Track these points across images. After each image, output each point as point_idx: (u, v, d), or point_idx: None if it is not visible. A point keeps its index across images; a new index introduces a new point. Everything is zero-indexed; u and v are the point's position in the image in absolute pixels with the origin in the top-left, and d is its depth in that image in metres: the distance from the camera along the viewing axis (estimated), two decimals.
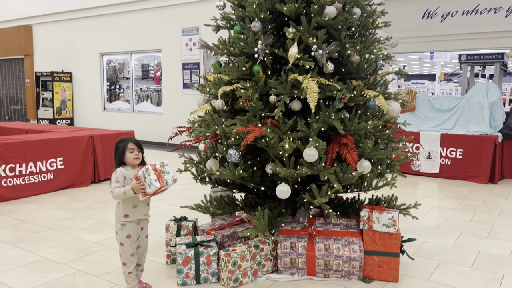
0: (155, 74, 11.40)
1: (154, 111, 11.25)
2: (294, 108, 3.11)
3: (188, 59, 10.16)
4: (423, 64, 30.70)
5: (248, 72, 3.23)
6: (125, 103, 11.96)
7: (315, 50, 2.96)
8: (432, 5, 13.85)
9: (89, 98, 12.32)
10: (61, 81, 12.25)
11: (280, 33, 3.35)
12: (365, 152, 2.95)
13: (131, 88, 11.78)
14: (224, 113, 3.39)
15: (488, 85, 6.74)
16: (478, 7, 13.04)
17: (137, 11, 10.89)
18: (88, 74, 12.26)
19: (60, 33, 12.66)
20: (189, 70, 10.21)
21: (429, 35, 13.96)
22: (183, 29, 10.12)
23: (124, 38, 11.30)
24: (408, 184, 6.42)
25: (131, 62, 11.67)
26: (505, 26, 12.52)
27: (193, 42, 10.01)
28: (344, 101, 2.87)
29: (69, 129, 7.21)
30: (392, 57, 3.31)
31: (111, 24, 11.50)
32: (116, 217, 2.70)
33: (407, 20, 13.72)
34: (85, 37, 12.11)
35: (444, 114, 7.05)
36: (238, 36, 3.25)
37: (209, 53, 3.57)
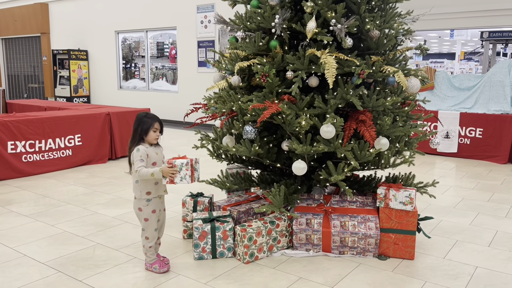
0: (170, 52, 11.37)
1: (170, 89, 11.27)
2: (312, 84, 3.07)
3: (203, 36, 10.09)
4: (442, 43, 29.95)
5: (265, 47, 3.19)
6: (141, 81, 12.00)
7: (334, 24, 2.89)
8: None
9: (105, 77, 12.39)
10: (77, 59, 12.32)
11: (297, 7, 3.28)
12: (383, 129, 2.91)
13: (146, 67, 11.79)
14: (240, 90, 3.36)
15: (510, 63, 6.55)
16: None
17: None
18: (103, 52, 12.29)
19: (76, 11, 12.67)
20: (204, 48, 10.14)
21: (449, 12, 13.59)
22: (198, 6, 10.02)
23: (139, 16, 11.25)
24: (426, 163, 6.35)
25: (146, 40, 11.64)
26: None
27: (208, 19, 9.91)
28: (362, 77, 2.82)
29: (86, 107, 7.28)
30: (412, 32, 3.22)
31: (126, 1, 11.44)
32: (136, 194, 2.72)
33: None
34: (101, 15, 12.09)
35: (464, 92, 6.90)
36: (255, 10, 3.20)
37: (225, 28, 3.53)
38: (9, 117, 5.41)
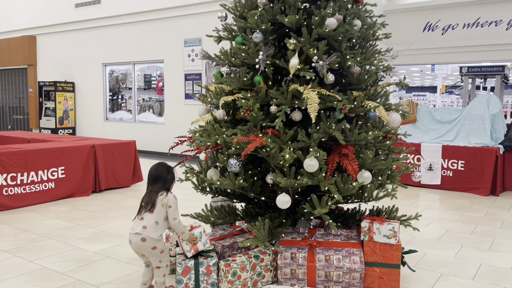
0: (157, 84, 11.46)
1: (156, 121, 11.29)
2: (295, 119, 3.12)
3: (190, 69, 10.23)
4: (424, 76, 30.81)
5: (249, 82, 3.25)
6: (127, 113, 12.01)
7: (316, 61, 2.98)
8: (433, 17, 13.95)
9: (92, 108, 12.38)
10: (64, 91, 12.33)
11: (281, 44, 3.37)
12: (365, 163, 2.95)
13: (133, 98, 11.84)
14: (225, 123, 3.40)
15: (489, 97, 6.76)
16: (479, 20, 13.13)
17: (140, 22, 10.99)
18: (91, 84, 12.33)
19: (64, 43, 12.77)
20: (191, 81, 10.26)
21: (430, 48, 14.05)
22: (186, 40, 10.20)
23: (127, 49, 11.39)
24: (410, 195, 6.40)
25: (134, 72, 11.74)
26: (506, 39, 12.59)
27: (195, 53, 10.08)
28: (344, 112, 2.89)
29: (71, 139, 7.24)
30: (392, 68, 3.33)
31: (114, 34, 11.60)
32: (153, 235, 2.76)
33: (408, 32, 13.81)
34: (88, 48, 12.21)
35: (445, 125, 7.06)
36: (239, 47, 3.28)
37: (211, 63, 3.59)
38: None
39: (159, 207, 2.78)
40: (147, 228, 2.73)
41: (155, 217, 2.77)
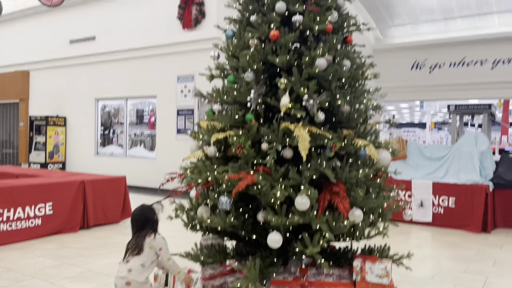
0: (149, 119, 11.51)
1: (147, 156, 11.25)
2: (286, 156, 3.13)
3: (183, 105, 10.31)
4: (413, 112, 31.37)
5: (240, 120, 3.28)
6: (118, 147, 11.97)
7: (306, 100, 3.03)
8: (420, 56, 14.36)
9: (83, 142, 12.33)
10: (55, 125, 12.30)
11: (272, 82, 3.43)
12: (356, 201, 2.95)
13: (124, 133, 11.84)
14: (216, 160, 3.40)
15: (477, 135, 6.87)
16: (464, 59, 13.54)
17: (134, 58, 11.15)
18: (82, 119, 12.33)
19: (57, 78, 12.86)
20: (183, 116, 10.32)
21: (418, 85, 14.39)
22: (179, 76, 10.33)
23: (120, 84, 11.48)
24: (401, 232, 6.37)
25: (126, 107, 11.80)
26: (492, 78, 12.96)
27: (188, 89, 10.19)
28: (334, 150, 2.91)
29: (60, 174, 7.16)
30: (381, 107, 3.39)
31: (108, 70, 11.72)
32: (139, 278, 2.74)
33: (397, 70, 14.17)
34: (82, 83, 12.29)
35: (435, 162, 7.12)
36: (231, 85, 3.33)
37: (203, 101, 3.63)
38: None
39: (147, 250, 2.75)
40: (132, 271, 2.67)
41: (142, 260, 2.73)
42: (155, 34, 10.63)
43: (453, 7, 12.65)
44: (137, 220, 2.87)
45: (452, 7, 12.68)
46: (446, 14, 13.08)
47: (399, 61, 14.40)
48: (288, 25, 3.25)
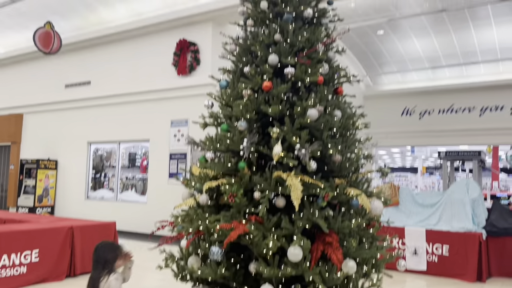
0: (141, 163, 11.48)
1: (138, 200, 11.12)
2: (279, 205, 3.12)
3: (176, 149, 10.32)
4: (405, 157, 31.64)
5: (233, 168, 3.29)
6: (109, 191, 11.84)
7: (298, 149, 3.06)
8: (410, 103, 14.70)
9: (73, 186, 12.18)
10: (46, 169, 12.20)
11: (265, 131, 3.47)
12: (349, 252, 2.92)
13: (116, 177, 11.76)
14: (208, 208, 3.37)
15: (468, 182, 6.91)
16: (453, 106, 13.87)
17: (128, 102, 11.26)
18: (74, 162, 12.26)
19: (50, 121, 12.89)
20: (176, 160, 10.31)
21: (408, 131, 14.64)
22: (172, 120, 10.42)
23: (113, 128, 11.52)
24: (396, 282, 6.23)
25: (118, 151, 11.78)
26: (480, 125, 13.24)
27: (181, 133, 10.25)
28: (327, 200, 2.91)
29: (49, 219, 7.03)
30: (373, 156, 3.43)
31: (101, 114, 11.79)
32: None
33: (387, 116, 14.45)
34: (75, 126, 12.32)
35: (428, 209, 7.11)
36: (224, 133, 3.37)
37: (196, 148, 3.65)
38: None
39: None
40: None
41: None
42: (150, 79, 10.82)
43: (439, 56, 13.11)
44: (93, 259, 2.77)
45: (439, 57, 13.13)
46: (433, 63, 13.53)
47: (390, 107, 14.71)
48: (280, 77, 3.34)
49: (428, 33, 12.04)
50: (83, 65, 12.29)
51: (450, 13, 10.70)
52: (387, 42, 12.85)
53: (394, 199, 7.29)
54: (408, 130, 14.57)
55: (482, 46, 12.19)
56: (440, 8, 10.25)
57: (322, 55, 3.42)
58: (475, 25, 11.39)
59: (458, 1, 10.09)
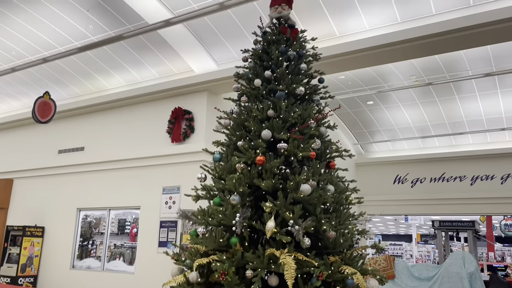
0: (131, 230, 11.20)
1: (126, 270, 10.70)
2: (271, 283, 3.02)
3: (167, 217, 10.13)
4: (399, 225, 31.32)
5: (225, 243, 3.22)
6: (96, 260, 11.43)
7: (292, 225, 3.02)
8: (402, 171, 14.83)
9: (59, 255, 11.76)
10: (32, 236, 11.84)
11: (258, 205, 3.45)
12: None
13: (104, 244, 11.41)
14: (198, 286, 3.25)
15: (464, 255, 6.81)
16: (444, 174, 14.00)
17: (120, 169, 11.23)
18: (61, 229, 11.94)
19: (40, 187, 12.73)
20: (166, 228, 10.09)
21: (401, 199, 14.63)
22: (164, 187, 10.33)
23: (104, 194, 11.38)
24: None
25: (108, 218, 11.55)
26: (471, 194, 13.29)
27: (173, 200, 10.13)
28: (321, 279, 2.83)
29: None
30: (367, 232, 3.39)
31: (93, 180, 11.70)
32: None
33: (379, 183, 14.50)
34: (65, 192, 12.16)
35: (424, 283, 6.92)
36: (217, 207, 3.33)
37: (187, 222, 3.59)
38: None
39: None
40: None
41: None
42: (144, 146, 10.89)
43: (428, 126, 13.45)
44: None
45: (428, 126, 13.48)
46: (423, 133, 13.85)
47: (382, 175, 14.82)
48: (273, 151, 3.38)
49: (416, 104, 12.46)
50: (78, 131, 12.40)
51: (436, 86, 11.16)
52: (377, 112, 13.23)
53: (389, 272, 7.11)
54: (400, 198, 14.56)
55: (469, 117, 12.58)
56: (427, 81, 10.69)
57: (314, 130, 3.50)
58: (460, 98, 11.84)
59: (443, 76, 10.56)
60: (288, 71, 3.72)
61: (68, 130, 12.67)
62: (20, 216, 12.88)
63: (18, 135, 13.81)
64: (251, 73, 3.79)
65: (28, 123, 13.37)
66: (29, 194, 12.99)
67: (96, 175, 11.69)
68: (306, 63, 3.82)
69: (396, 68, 10.44)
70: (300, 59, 3.80)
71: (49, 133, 13.01)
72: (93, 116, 12.23)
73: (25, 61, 10.80)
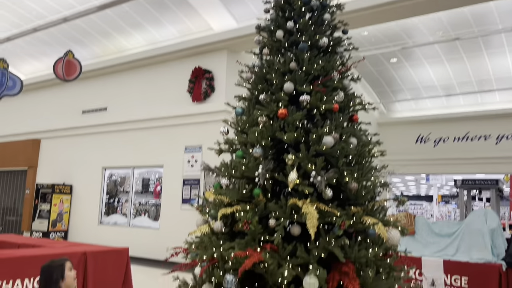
0: (155, 188, 11.51)
1: (151, 225, 11.10)
2: (294, 233, 3.08)
3: (189, 175, 10.35)
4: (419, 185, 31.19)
5: (248, 195, 3.28)
6: (122, 216, 11.86)
7: (314, 176, 3.04)
8: (424, 130, 14.61)
9: (87, 211, 12.25)
10: (61, 193, 12.31)
11: (280, 158, 3.47)
12: (366, 282, 2.85)
13: (129, 202, 11.79)
14: (223, 235, 3.35)
15: (486, 212, 6.76)
16: (468, 134, 13.74)
17: (143, 128, 11.41)
18: (88, 187, 12.37)
19: (67, 147, 13.10)
20: (189, 186, 10.32)
21: (423, 159, 14.49)
22: (186, 146, 10.49)
23: (128, 154, 11.65)
24: None
25: (132, 176, 11.86)
26: (496, 153, 13.05)
27: (195, 159, 10.30)
28: (343, 228, 2.87)
29: (63, 244, 7.04)
30: (389, 184, 3.39)
31: (116, 139, 11.95)
32: None
33: (401, 143, 14.35)
34: (90, 151, 12.49)
35: (445, 239, 6.95)
36: (239, 160, 3.37)
37: (211, 175, 3.66)
38: None
39: None
40: None
41: None
42: (165, 106, 10.98)
43: (453, 84, 13.08)
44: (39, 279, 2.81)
45: (453, 84, 13.11)
46: (447, 91, 13.50)
47: (404, 135, 14.63)
48: (295, 104, 3.37)
49: (441, 60, 12.07)
50: (100, 92, 12.56)
51: (463, 41, 10.75)
52: (401, 69, 12.91)
53: (409, 228, 7.15)
54: (422, 158, 14.42)
55: (497, 74, 12.15)
56: (454, 36, 10.30)
57: (337, 83, 3.45)
58: (489, 53, 11.40)
59: (472, 30, 10.14)
60: (311, 22, 3.63)
61: (91, 91, 12.83)
62: (48, 174, 13.34)
63: (43, 97, 14.08)
64: (272, 25, 3.72)
65: (53, 84, 13.58)
66: (56, 154, 13.39)
67: (120, 135, 11.92)
68: (330, 14, 3.72)
69: (422, 23, 10.06)
70: (324, 9, 3.69)
71: (73, 94, 13.22)
72: (115, 76, 12.32)
73: (46, 21, 10.83)
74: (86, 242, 9.26)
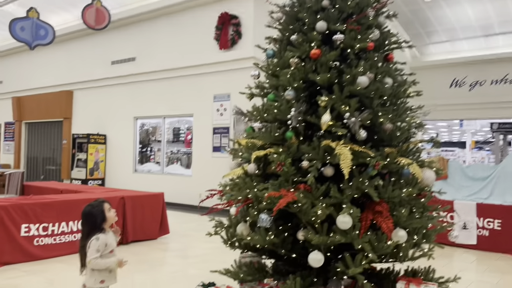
0: (185, 137, 11.71)
1: (184, 173, 11.42)
2: (327, 174, 3.10)
3: (219, 123, 10.45)
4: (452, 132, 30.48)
5: (280, 137, 3.29)
6: (156, 165, 12.23)
7: (348, 118, 3.01)
8: (459, 74, 14.04)
9: (121, 160, 12.67)
10: (96, 143, 12.73)
11: (312, 100, 3.43)
12: (400, 221, 2.88)
13: (162, 151, 12.09)
14: (256, 177, 3.41)
15: None
16: (507, 76, 13.12)
17: (172, 78, 11.45)
18: (122, 137, 12.71)
19: (98, 98, 13.36)
20: (219, 134, 10.45)
21: (457, 103, 14.03)
22: (215, 95, 10.51)
23: (158, 103, 11.80)
24: (443, 255, 6.12)
25: (164, 126, 12.08)
26: None
27: (224, 107, 10.34)
28: (377, 168, 2.87)
29: (102, 190, 7.37)
30: (424, 125, 3.32)
31: (146, 90, 12.08)
32: (89, 283, 2.88)
33: (435, 88, 13.87)
34: (121, 102, 12.71)
35: (479, 182, 6.86)
36: (271, 103, 3.36)
37: (243, 119, 3.67)
38: (25, 200, 5.49)
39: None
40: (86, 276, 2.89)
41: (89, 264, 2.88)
42: (193, 54, 10.91)
43: (493, 23, 12.35)
44: (81, 223, 3.00)
45: (492, 24, 12.37)
46: (486, 31, 12.78)
47: (437, 79, 14.11)
48: (328, 44, 3.27)
49: None
50: (128, 42, 12.55)
51: None
52: (436, 9, 12.22)
53: (443, 172, 7.08)
54: (457, 102, 13.96)
55: None
56: None
57: (372, 20, 3.31)
58: None
59: None
60: None
61: (119, 41, 12.84)
62: (83, 125, 13.74)
63: (73, 49, 14.21)
64: None
65: (82, 35, 13.64)
66: (89, 105, 13.70)
67: (149, 85, 12.03)
68: None
69: None
70: None
71: (101, 45, 13.27)
72: (142, 26, 12.23)
73: None
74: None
